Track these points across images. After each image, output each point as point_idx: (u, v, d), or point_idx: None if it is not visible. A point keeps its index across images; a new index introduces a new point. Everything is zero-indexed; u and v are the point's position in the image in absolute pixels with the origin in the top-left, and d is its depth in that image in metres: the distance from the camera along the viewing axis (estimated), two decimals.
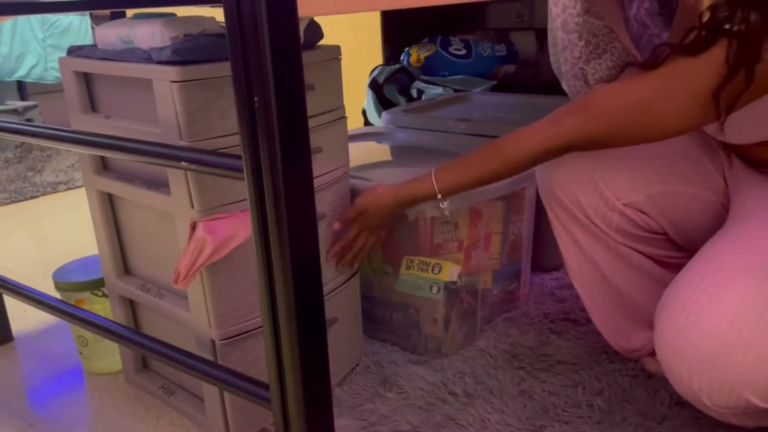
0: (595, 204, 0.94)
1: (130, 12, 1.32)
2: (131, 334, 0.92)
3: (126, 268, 1.02)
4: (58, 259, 1.17)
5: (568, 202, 0.96)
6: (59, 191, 2.26)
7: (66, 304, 1.02)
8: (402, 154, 1.40)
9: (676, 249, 0.99)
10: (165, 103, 0.78)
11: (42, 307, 1.02)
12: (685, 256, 0.91)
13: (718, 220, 0.91)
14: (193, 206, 0.81)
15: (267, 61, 0.57)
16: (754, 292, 0.68)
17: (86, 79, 0.93)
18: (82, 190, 0.97)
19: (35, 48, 2.97)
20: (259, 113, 0.59)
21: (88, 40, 3.07)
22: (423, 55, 2.04)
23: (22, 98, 3.16)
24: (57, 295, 1.07)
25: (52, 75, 3.00)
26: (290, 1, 0.57)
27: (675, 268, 0.90)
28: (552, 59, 1.22)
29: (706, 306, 0.69)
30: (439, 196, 0.94)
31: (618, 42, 1.25)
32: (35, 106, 2.97)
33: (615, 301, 1.01)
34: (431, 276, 1.08)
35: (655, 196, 0.91)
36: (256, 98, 0.59)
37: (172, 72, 0.75)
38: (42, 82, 3.01)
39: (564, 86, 1.23)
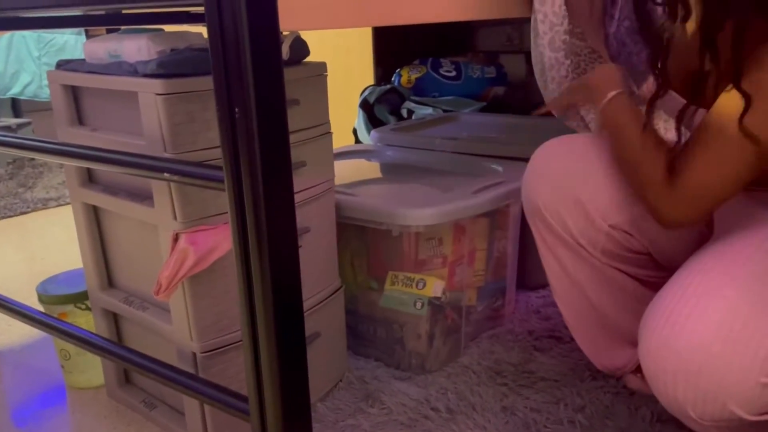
0: (581, 226, 0.93)
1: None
2: (112, 347, 0.92)
3: (110, 281, 1.03)
4: (46, 274, 1.17)
5: (555, 224, 0.96)
6: (50, 207, 2.26)
7: (48, 316, 1.02)
8: (390, 171, 1.41)
9: (657, 269, 0.99)
10: (150, 116, 0.79)
11: (24, 319, 1.01)
12: (667, 276, 0.91)
13: (700, 241, 0.92)
14: (176, 218, 0.82)
15: (248, 73, 0.58)
16: (737, 302, 0.68)
17: (74, 93, 0.94)
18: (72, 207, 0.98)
19: (30, 66, 2.99)
20: (239, 124, 0.60)
21: None
22: (414, 76, 2.06)
23: (16, 115, 3.17)
24: (39, 307, 1.07)
25: (47, 93, 3.01)
26: (271, 16, 0.59)
27: (657, 287, 0.90)
28: (538, 79, 1.23)
29: (689, 317, 0.69)
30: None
31: (598, 63, 1.27)
32: (28, 123, 2.98)
33: (597, 320, 1.01)
34: (415, 291, 1.09)
35: (639, 216, 0.91)
36: (236, 109, 0.60)
37: (157, 85, 0.77)
38: (36, 99, 3.03)
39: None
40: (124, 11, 1.15)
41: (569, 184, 0.93)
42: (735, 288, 0.69)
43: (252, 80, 0.58)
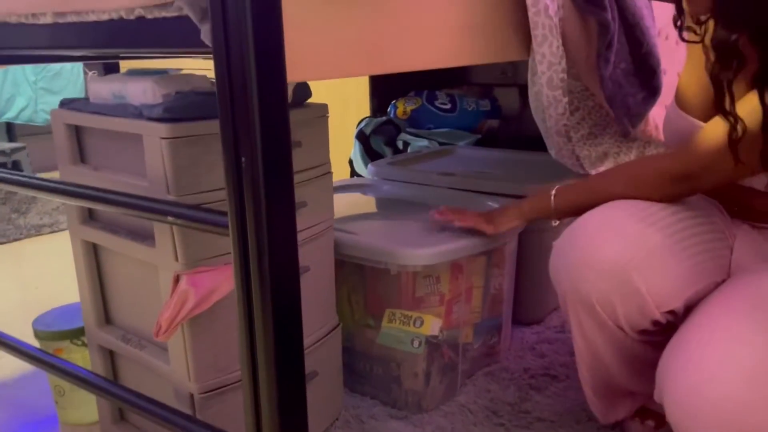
0: (631, 315, 0.87)
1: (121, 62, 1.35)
2: (108, 386, 0.91)
3: (107, 318, 1.02)
4: (38, 304, 1.17)
5: (603, 312, 0.88)
6: (43, 234, 2.25)
7: (44, 352, 1.01)
8: (386, 206, 1.42)
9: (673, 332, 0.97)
10: (154, 158, 0.80)
11: (19, 355, 1.01)
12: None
13: None
14: (177, 259, 0.82)
15: (255, 123, 0.59)
16: (765, 348, 0.68)
17: (76, 131, 0.94)
18: (66, 234, 0.98)
19: (26, 90, 3.00)
20: (245, 173, 0.61)
21: (79, 85, 3.10)
22: (409, 108, 2.08)
23: (11, 140, 3.17)
24: (35, 342, 1.06)
25: (42, 117, 3.02)
26: (279, 69, 0.60)
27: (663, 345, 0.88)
28: (535, 115, 1.25)
29: (721, 365, 0.69)
30: (555, 222, 1.00)
31: (591, 101, 1.29)
32: (23, 148, 2.98)
33: (611, 385, 0.99)
34: (413, 330, 1.09)
35: (689, 299, 0.87)
36: (243, 158, 0.61)
37: (163, 128, 0.78)
38: (31, 124, 3.03)
39: (548, 143, 1.27)
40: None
41: (628, 272, 0.84)
42: (763, 334, 0.69)
43: (259, 130, 0.59)
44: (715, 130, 0.82)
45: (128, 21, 0.71)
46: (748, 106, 0.78)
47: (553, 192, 1.01)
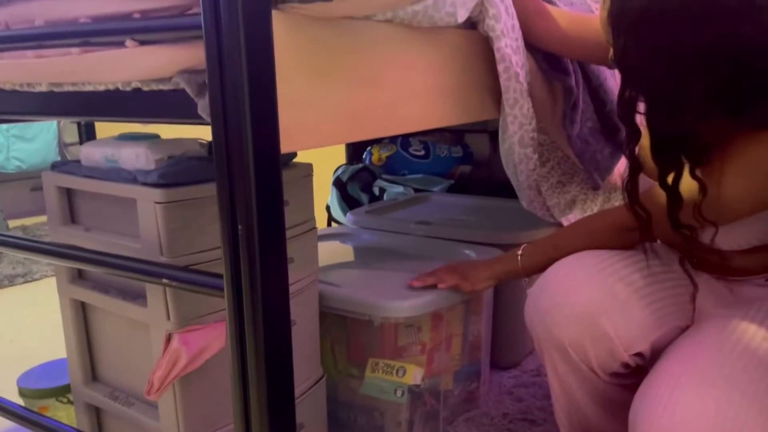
0: (602, 357, 0.91)
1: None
2: None
3: (94, 375, 1.03)
4: (16, 357, 1.16)
5: (575, 356, 0.92)
6: (16, 284, 2.22)
7: (27, 410, 1.01)
8: (366, 255, 1.46)
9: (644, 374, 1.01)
10: (148, 222, 0.83)
11: (1, 412, 1.01)
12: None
13: None
14: (169, 318, 0.85)
15: (251, 195, 0.63)
16: (730, 391, 0.72)
17: (68, 193, 0.97)
18: (40, 283, 1.00)
19: None
20: (242, 240, 0.64)
21: (52, 133, 3.10)
22: (384, 154, 2.14)
23: None
24: (17, 398, 1.06)
25: (14, 164, 3.01)
26: (274, 141, 0.64)
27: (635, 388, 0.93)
28: (507, 169, 1.31)
29: (690, 407, 0.72)
30: (526, 280, 1.04)
31: (560, 152, 1.37)
32: None
33: (585, 428, 1.02)
34: (395, 379, 1.12)
35: (654, 343, 0.91)
36: (240, 226, 0.64)
37: (157, 193, 0.81)
38: (2, 171, 3.01)
39: (520, 195, 1.33)
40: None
41: (596, 317, 0.89)
42: (724, 378, 0.73)
43: (255, 200, 0.63)
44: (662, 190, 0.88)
45: (124, 92, 0.75)
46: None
47: (520, 252, 1.07)
